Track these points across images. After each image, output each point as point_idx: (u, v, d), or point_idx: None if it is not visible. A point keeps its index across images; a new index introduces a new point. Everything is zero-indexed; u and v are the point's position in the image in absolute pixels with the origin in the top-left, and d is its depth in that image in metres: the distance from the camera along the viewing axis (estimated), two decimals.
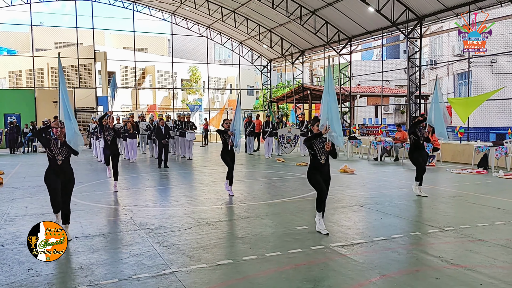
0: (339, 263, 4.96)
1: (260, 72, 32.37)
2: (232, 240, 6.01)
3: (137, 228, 6.58)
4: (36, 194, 9.61)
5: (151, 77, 33.72)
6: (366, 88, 28.55)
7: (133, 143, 16.59)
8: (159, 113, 19.25)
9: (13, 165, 15.70)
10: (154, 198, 9.21)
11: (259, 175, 12.63)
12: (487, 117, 23.14)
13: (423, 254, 5.23)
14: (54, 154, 5.83)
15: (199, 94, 35.41)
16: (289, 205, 8.11)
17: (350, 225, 6.65)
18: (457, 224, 6.50)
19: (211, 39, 30.37)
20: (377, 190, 9.69)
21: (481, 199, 8.43)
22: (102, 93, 27.43)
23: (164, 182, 11.49)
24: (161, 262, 5.03)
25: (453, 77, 26.66)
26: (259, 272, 4.71)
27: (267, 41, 27.42)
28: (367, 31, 21.42)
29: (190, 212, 7.61)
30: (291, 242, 5.75)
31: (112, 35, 40.69)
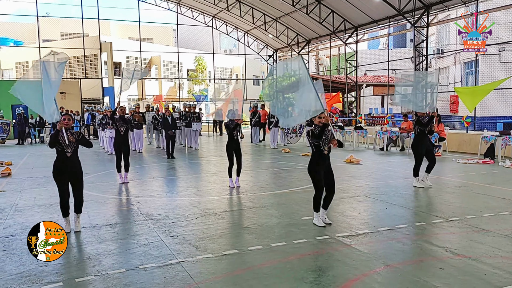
0: (343, 253, 5.00)
1: (266, 62, 32.27)
2: (237, 230, 6.06)
3: (144, 218, 6.65)
4: (44, 184, 9.72)
5: (157, 67, 33.75)
6: (372, 77, 28.40)
7: (139, 134, 16.66)
8: (165, 104, 19.26)
9: (21, 156, 15.84)
10: (160, 189, 9.29)
11: (264, 165, 12.66)
12: (494, 107, 22.99)
13: (427, 244, 5.25)
14: (63, 147, 5.88)
15: (205, 84, 35.41)
16: (295, 196, 8.15)
17: (355, 215, 6.68)
18: (462, 215, 6.51)
19: (217, 29, 30.32)
20: (382, 180, 9.70)
21: (487, 189, 8.42)
22: (108, 83, 27.51)
23: (170, 172, 11.56)
24: (167, 252, 5.10)
25: (460, 66, 26.45)
26: (264, 262, 4.76)
27: (273, 31, 27.30)
28: (373, 20, 21.26)
29: (196, 203, 7.67)
30: (296, 233, 5.79)
31: (117, 25, 40.69)
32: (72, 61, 30.44)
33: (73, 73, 30.26)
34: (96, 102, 27.12)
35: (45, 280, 4.37)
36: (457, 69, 26.78)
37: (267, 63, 31.91)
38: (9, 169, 11.53)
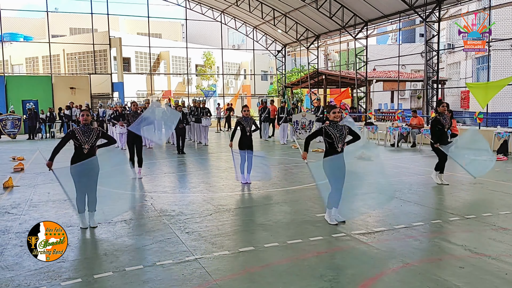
0: (361, 251, 4.97)
1: (274, 57, 32.17)
2: (252, 227, 6.05)
3: (158, 214, 6.66)
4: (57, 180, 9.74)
5: (165, 62, 33.76)
6: (382, 73, 28.20)
7: None
8: (174, 100, 19.26)
9: (33, 151, 15.92)
10: (173, 185, 9.30)
11: (275, 161, 12.62)
12: (506, 102, 22.73)
13: (445, 242, 5.20)
14: (80, 143, 5.89)
15: (214, 80, 35.38)
16: (307, 192, 8.11)
17: (370, 212, 6.64)
18: (479, 212, 6.44)
19: (225, 24, 30.21)
20: (395, 176, 9.63)
21: (502, 187, 8.33)
22: (118, 79, 27.56)
23: (181, 168, 11.58)
24: (183, 248, 5.10)
25: (472, 61, 26.18)
26: (281, 259, 4.74)
27: (282, 26, 27.16)
28: (384, 15, 21.06)
29: (209, 199, 7.67)
30: (312, 230, 5.77)
31: (126, 20, 40.72)
32: (82, 56, 30.55)
33: (83, 68, 30.35)
34: (106, 97, 27.20)
35: (64, 276, 4.38)
36: (468, 64, 26.51)
37: (276, 58, 31.79)
38: (21, 164, 11.60)
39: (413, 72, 31.84)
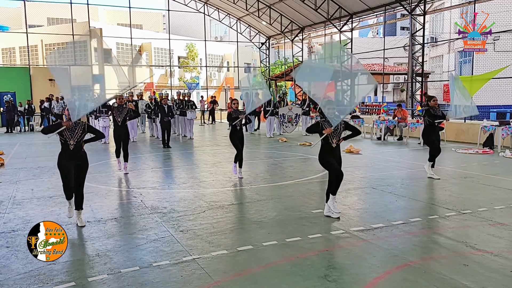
0: (362, 248, 4.87)
1: (258, 49, 31.92)
2: (248, 224, 5.90)
3: (149, 212, 6.45)
4: (40, 175, 9.44)
5: (147, 54, 33.18)
6: (366, 66, 28.24)
7: (133, 123, 16.32)
8: (159, 92, 18.90)
9: (12, 145, 15.45)
10: (161, 180, 9.08)
11: (263, 155, 12.49)
12: (487, 96, 23.04)
13: (445, 238, 5.15)
14: (66, 139, 5.62)
15: (197, 72, 34.96)
16: (300, 187, 8.00)
17: (366, 208, 6.57)
18: (474, 207, 6.43)
19: (209, 15, 29.78)
20: (386, 171, 9.60)
21: (492, 180, 8.37)
22: (99, 71, 26.95)
23: (168, 163, 11.34)
24: (179, 248, 4.92)
25: (454, 55, 26.43)
26: (282, 258, 4.61)
27: (266, 18, 26.92)
28: (369, 8, 21.05)
29: (201, 195, 7.49)
30: (309, 227, 5.66)
31: (105, 11, 39.86)
32: (61, 47, 29.76)
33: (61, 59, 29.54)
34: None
35: (56, 279, 4.17)
36: (451, 57, 26.75)
37: (260, 51, 31.55)
38: (1, 159, 11.19)
39: (396, 65, 32.03)
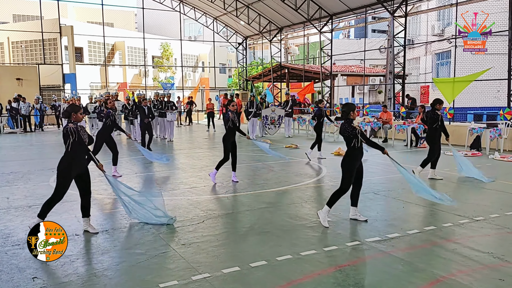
0: (385, 262, 4.51)
1: (235, 49, 31.46)
2: (254, 235, 5.44)
3: (143, 222, 5.90)
4: (14, 182, 8.72)
5: (120, 53, 32.17)
6: (344, 67, 28.24)
7: None
8: (137, 93, 18.17)
9: None
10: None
11: (250, 158, 12.04)
12: (466, 98, 23.30)
13: (468, 249, 4.84)
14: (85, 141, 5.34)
15: (171, 72, 34.17)
16: (299, 193, 7.61)
17: (375, 215, 6.22)
18: (485, 213, 6.18)
19: (185, 14, 29.09)
20: (381, 174, 9.33)
21: (493, 184, 8.19)
22: (70, 70, 25.88)
23: (152, 167, 10.74)
24: (185, 265, 4.43)
25: (431, 57, 26.69)
26: (303, 276, 4.19)
27: (244, 18, 26.51)
28: (350, 9, 20.94)
29: (196, 203, 6.99)
30: (320, 237, 5.27)
31: (75, 8, 38.54)
32: (29, 45, 28.47)
33: (30, 58, 28.25)
34: (57, 89, 25.45)
35: None
36: (428, 59, 27.01)
37: (237, 51, 31.09)
38: None
39: (372, 67, 32.18)
